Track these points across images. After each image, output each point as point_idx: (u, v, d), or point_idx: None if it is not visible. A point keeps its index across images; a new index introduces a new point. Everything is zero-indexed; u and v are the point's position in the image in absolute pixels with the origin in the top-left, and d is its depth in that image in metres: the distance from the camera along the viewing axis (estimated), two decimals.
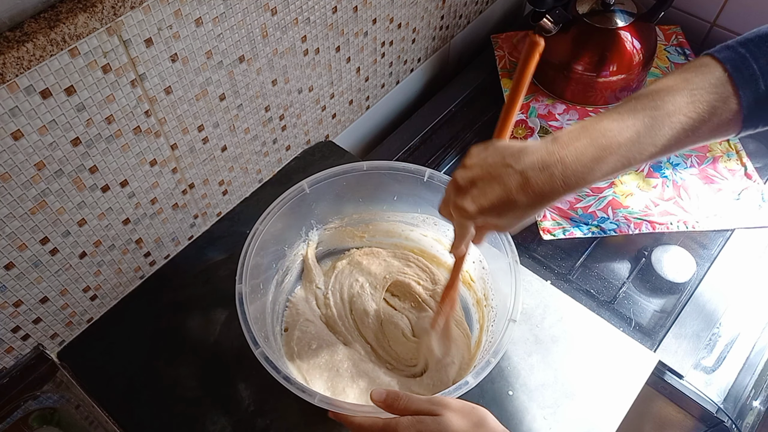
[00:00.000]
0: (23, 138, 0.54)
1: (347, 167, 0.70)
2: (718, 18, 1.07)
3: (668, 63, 1.04)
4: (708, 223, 0.83)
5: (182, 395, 0.67)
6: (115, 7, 0.53)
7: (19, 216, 0.58)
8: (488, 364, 0.56)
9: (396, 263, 0.77)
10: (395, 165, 0.71)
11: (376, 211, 0.77)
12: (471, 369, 0.65)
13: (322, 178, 0.69)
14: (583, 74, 0.94)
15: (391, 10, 0.88)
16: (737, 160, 0.90)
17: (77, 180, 0.61)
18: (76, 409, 0.64)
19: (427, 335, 0.66)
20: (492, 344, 0.59)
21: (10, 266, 0.61)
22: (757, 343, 0.76)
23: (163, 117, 0.65)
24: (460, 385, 0.55)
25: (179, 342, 0.71)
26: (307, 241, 0.74)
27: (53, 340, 0.71)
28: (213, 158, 0.76)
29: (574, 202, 0.86)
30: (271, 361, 0.56)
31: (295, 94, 0.81)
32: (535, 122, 0.94)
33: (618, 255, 0.85)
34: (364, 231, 0.78)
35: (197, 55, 0.64)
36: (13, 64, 0.48)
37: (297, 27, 0.74)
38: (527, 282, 0.76)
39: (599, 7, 0.93)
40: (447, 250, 0.76)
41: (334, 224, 0.76)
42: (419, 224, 0.77)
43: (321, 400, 0.55)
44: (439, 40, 1.05)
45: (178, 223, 0.77)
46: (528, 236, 0.86)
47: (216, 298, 0.74)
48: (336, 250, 0.79)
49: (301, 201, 0.69)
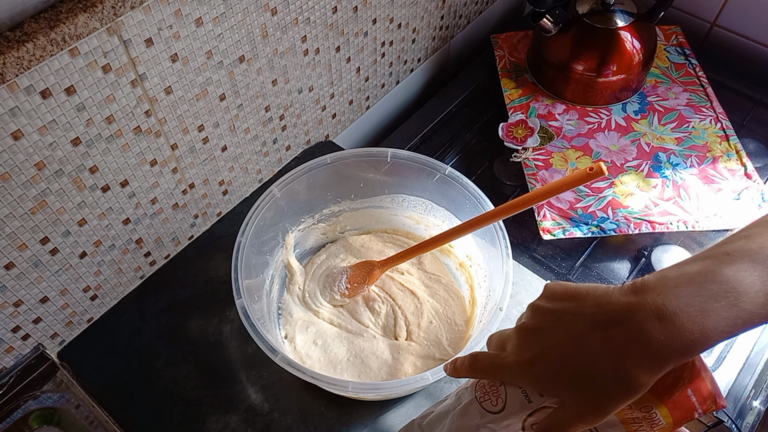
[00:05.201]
0: (23, 138, 0.54)
1: (311, 163, 0.70)
2: (718, 18, 1.07)
3: (668, 63, 1.04)
4: (708, 223, 0.83)
5: (182, 395, 0.67)
6: (115, 7, 0.53)
7: (19, 216, 0.58)
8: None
9: (374, 246, 0.78)
10: (357, 152, 0.72)
11: (345, 202, 0.77)
12: (474, 326, 0.69)
13: (290, 179, 0.69)
14: (583, 74, 0.94)
15: (391, 10, 0.88)
16: (737, 160, 0.90)
17: (77, 180, 0.61)
18: (76, 409, 0.64)
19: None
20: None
21: (10, 266, 0.61)
22: (757, 343, 0.76)
23: (164, 117, 0.65)
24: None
25: (179, 342, 0.71)
26: (284, 245, 0.75)
27: (53, 340, 0.71)
28: (213, 158, 0.76)
29: (574, 202, 0.86)
30: (296, 364, 0.57)
31: (295, 94, 0.81)
32: (535, 122, 0.94)
33: (618, 255, 0.85)
34: (335, 224, 0.79)
35: (197, 55, 0.64)
36: (13, 64, 0.48)
37: (297, 27, 0.74)
38: (527, 282, 0.76)
39: (599, 7, 0.93)
40: (417, 223, 0.79)
41: (306, 223, 0.76)
42: (388, 205, 0.78)
43: (354, 387, 0.57)
44: (439, 40, 1.05)
45: (179, 223, 0.77)
46: (528, 236, 0.86)
47: (216, 298, 0.74)
48: (312, 249, 0.79)
49: (274, 206, 0.69)
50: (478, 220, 0.63)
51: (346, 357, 0.69)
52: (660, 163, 0.90)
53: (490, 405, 0.45)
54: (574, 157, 0.92)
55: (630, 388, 0.36)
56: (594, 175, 0.52)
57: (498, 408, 0.44)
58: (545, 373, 0.40)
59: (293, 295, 0.74)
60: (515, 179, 0.92)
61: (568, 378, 0.38)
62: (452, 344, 0.69)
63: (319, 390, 0.67)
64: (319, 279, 0.75)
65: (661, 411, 0.39)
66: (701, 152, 0.91)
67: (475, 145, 0.99)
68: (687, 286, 0.35)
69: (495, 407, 0.45)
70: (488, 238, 0.66)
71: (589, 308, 0.38)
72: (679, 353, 0.35)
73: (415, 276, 0.75)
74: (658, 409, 0.39)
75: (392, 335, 0.70)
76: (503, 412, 0.44)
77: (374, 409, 0.67)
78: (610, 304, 0.37)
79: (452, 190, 0.70)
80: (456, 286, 0.75)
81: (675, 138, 0.93)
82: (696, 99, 0.98)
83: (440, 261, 0.77)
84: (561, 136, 0.94)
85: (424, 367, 0.67)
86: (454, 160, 0.97)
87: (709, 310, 0.34)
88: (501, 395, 0.45)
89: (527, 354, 0.41)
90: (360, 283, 0.72)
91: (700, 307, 0.34)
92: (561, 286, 0.42)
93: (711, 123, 0.95)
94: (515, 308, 0.73)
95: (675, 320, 0.34)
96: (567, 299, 0.40)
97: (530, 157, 0.92)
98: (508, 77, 1.03)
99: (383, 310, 0.72)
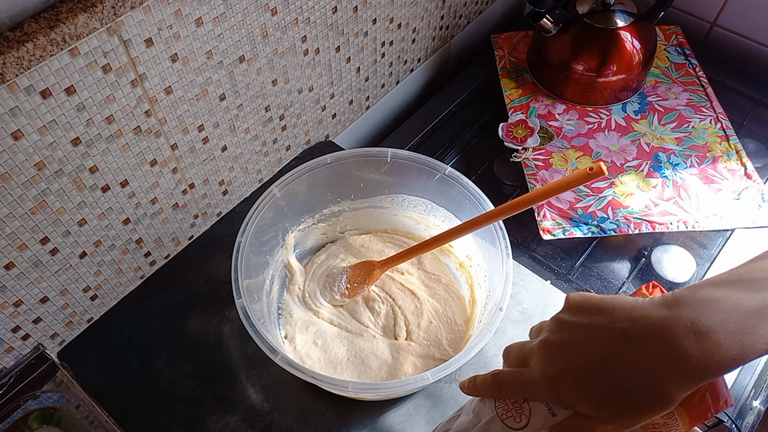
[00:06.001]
0: (23, 138, 0.54)
1: (311, 163, 0.70)
2: (718, 18, 1.07)
3: (668, 63, 1.04)
4: (708, 223, 0.83)
5: (182, 395, 0.67)
6: (115, 7, 0.53)
7: (19, 216, 0.58)
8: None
9: (374, 246, 0.78)
10: (357, 152, 0.72)
11: (345, 202, 0.77)
12: (474, 326, 0.69)
13: (290, 179, 0.69)
14: (583, 74, 0.94)
15: (391, 10, 0.88)
16: (737, 160, 0.90)
17: (77, 180, 0.61)
18: (76, 409, 0.64)
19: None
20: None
21: (10, 266, 0.61)
22: None
23: (164, 117, 0.65)
24: (451, 362, 0.57)
25: (179, 342, 0.71)
26: (284, 245, 0.75)
27: (53, 340, 0.71)
28: (213, 158, 0.76)
29: (574, 202, 0.86)
30: (296, 364, 0.57)
31: (295, 94, 0.81)
32: (535, 122, 0.94)
33: (618, 255, 0.85)
34: (335, 224, 0.79)
35: (197, 55, 0.64)
36: (13, 64, 0.48)
37: (297, 27, 0.74)
38: (527, 282, 0.76)
39: (599, 7, 0.93)
40: (417, 223, 0.78)
41: (306, 223, 0.76)
42: (388, 205, 0.78)
43: (354, 387, 0.56)
44: (439, 40, 1.05)
45: (179, 223, 0.78)
46: (528, 236, 0.86)
47: (216, 298, 0.74)
48: (312, 249, 0.79)
49: (274, 206, 0.69)
50: (478, 220, 0.63)
51: (346, 357, 0.69)
52: (660, 163, 0.90)
53: (513, 422, 0.44)
54: (574, 157, 0.92)
55: (664, 403, 0.36)
56: (594, 175, 0.52)
57: (522, 424, 0.44)
58: (575, 389, 0.39)
59: (293, 295, 0.74)
60: (515, 179, 0.92)
61: (600, 393, 0.38)
62: (452, 344, 0.69)
63: (319, 390, 0.67)
64: (319, 279, 0.75)
65: (682, 417, 0.39)
66: (701, 152, 0.91)
67: (475, 145, 0.99)
68: (723, 302, 0.35)
69: (518, 424, 0.44)
70: (488, 238, 0.66)
71: (621, 323, 0.37)
72: (716, 370, 0.34)
73: (415, 276, 0.75)
74: (679, 416, 0.39)
75: (392, 335, 0.70)
76: (527, 428, 0.44)
77: (374, 409, 0.67)
78: (643, 318, 0.37)
79: (452, 190, 0.70)
80: (456, 286, 0.75)
81: (675, 138, 0.93)
82: (696, 99, 0.98)
83: (440, 261, 0.77)
84: (561, 136, 0.94)
85: (423, 367, 0.67)
86: (454, 160, 0.97)
87: (747, 327, 0.34)
88: (525, 412, 0.44)
89: (554, 369, 0.40)
90: (360, 283, 0.72)
91: (738, 324, 0.34)
92: (585, 298, 0.41)
93: (711, 123, 0.95)
94: (515, 308, 0.73)
95: (712, 337, 0.34)
96: (594, 313, 0.39)
97: (530, 157, 0.92)
98: (508, 77, 1.03)
99: (383, 310, 0.72)
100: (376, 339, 0.70)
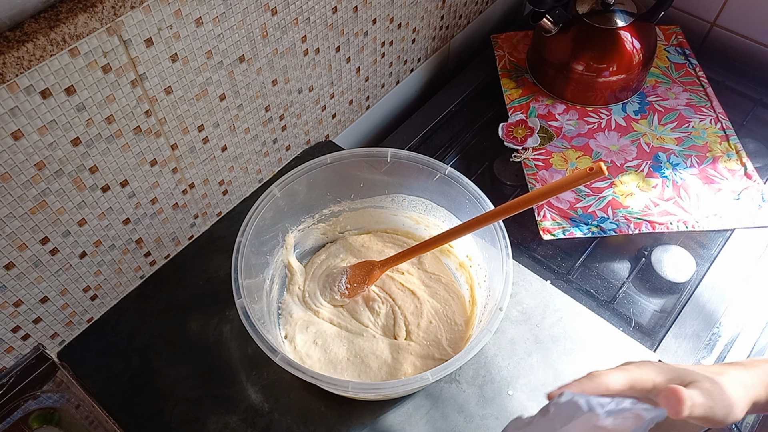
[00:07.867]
0: (23, 138, 0.54)
1: (311, 163, 0.70)
2: (718, 18, 1.07)
3: (668, 63, 1.04)
4: (708, 223, 0.83)
5: (182, 395, 0.67)
6: (115, 7, 0.53)
7: (19, 216, 0.58)
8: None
9: (374, 246, 0.78)
10: (357, 152, 0.72)
11: (345, 202, 0.77)
12: (474, 326, 0.69)
13: (290, 179, 0.69)
14: (583, 74, 0.94)
15: (391, 10, 0.88)
16: (737, 160, 0.90)
17: (77, 180, 0.61)
18: (76, 409, 0.64)
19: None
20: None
21: (10, 266, 0.61)
22: (757, 343, 0.76)
23: (164, 117, 0.65)
24: (451, 362, 0.57)
25: (179, 342, 0.71)
26: (284, 245, 0.74)
27: (53, 340, 0.71)
28: (213, 158, 0.76)
29: (574, 201, 0.86)
30: (296, 364, 0.57)
31: (295, 94, 0.81)
32: (535, 122, 0.94)
33: (618, 255, 0.85)
34: (335, 224, 0.79)
35: (197, 55, 0.64)
36: (13, 64, 0.48)
37: (297, 27, 0.74)
38: (527, 282, 0.76)
39: (599, 7, 0.93)
40: (417, 223, 0.78)
41: (306, 223, 0.76)
42: (388, 205, 0.78)
43: (354, 387, 0.57)
44: (439, 40, 1.05)
45: (179, 223, 0.78)
46: (528, 236, 0.86)
47: (216, 298, 0.74)
48: (312, 249, 0.79)
49: (274, 206, 0.69)
50: (478, 220, 0.63)
51: (346, 357, 0.69)
52: (660, 163, 0.90)
53: None
54: (574, 157, 0.92)
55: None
56: (594, 175, 0.52)
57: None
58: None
59: (293, 295, 0.74)
60: (515, 179, 0.92)
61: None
62: (452, 344, 0.69)
63: (319, 390, 0.67)
64: (319, 279, 0.75)
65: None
66: (701, 152, 0.91)
67: (475, 145, 0.99)
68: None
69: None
70: (488, 238, 0.66)
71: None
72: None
73: (415, 276, 0.75)
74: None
75: (392, 335, 0.70)
76: None
77: (374, 409, 0.67)
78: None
79: (452, 190, 0.70)
80: (456, 286, 0.75)
81: (675, 138, 0.93)
82: (696, 99, 0.98)
83: (440, 261, 0.77)
84: (561, 136, 0.94)
85: (423, 367, 0.67)
86: (454, 160, 0.97)
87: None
88: None
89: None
90: (360, 283, 0.72)
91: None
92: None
93: (711, 123, 0.95)
94: (515, 308, 0.73)
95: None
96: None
97: (530, 157, 0.92)
98: (508, 77, 1.03)
99: (383, 310, 0.72)
100: (376, 339, 0.70)
